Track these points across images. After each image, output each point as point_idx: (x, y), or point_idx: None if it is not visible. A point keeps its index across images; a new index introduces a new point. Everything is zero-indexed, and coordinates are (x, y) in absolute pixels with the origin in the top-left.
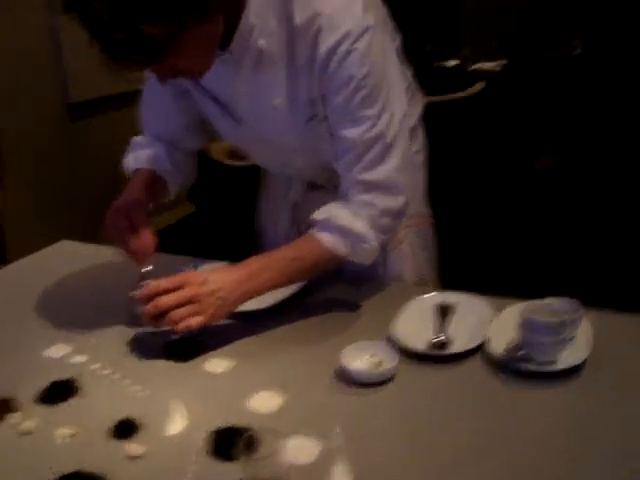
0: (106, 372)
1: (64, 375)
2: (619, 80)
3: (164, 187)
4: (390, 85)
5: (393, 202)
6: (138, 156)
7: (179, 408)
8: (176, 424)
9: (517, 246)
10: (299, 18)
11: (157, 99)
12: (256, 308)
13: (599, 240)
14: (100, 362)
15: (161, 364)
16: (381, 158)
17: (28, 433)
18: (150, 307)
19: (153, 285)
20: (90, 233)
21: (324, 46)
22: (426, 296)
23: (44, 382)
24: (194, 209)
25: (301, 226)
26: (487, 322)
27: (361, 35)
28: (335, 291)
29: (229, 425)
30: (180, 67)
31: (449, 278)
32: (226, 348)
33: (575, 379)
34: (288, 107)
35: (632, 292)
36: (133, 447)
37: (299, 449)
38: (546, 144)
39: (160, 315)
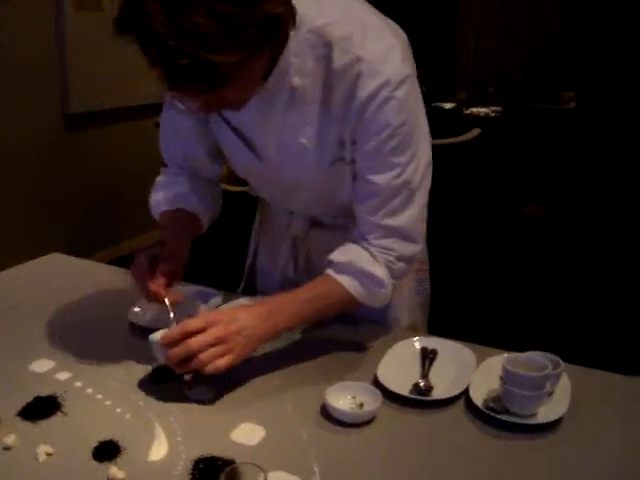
0: (89, 391)
1: (46, 391)
2: (610, 135)
3: (196, 223)
4: (419, 133)
5: (410, 248)
6: (164, 196)
7: (161, 434)
8: (158, 450)
9: (500, 294)
10: (338, 62)
11: (177, 125)
12: None
13: (582, 295)
14: (83, 380)
15: (146, 388)
16: (405, 205)
17: (7, 448)
18: (180, 350)
19: (180, 327)
20: (78, 245)
21: (363, 91)
22: (411, 340)
23: (26, 397)
24: None
25: (299, 261)
26: (469, 370)
27: (400, 83)
28: (327, 330)
29: (212, 454)
30: (227, 98)
31: (432, 323)
32: (213, 377)
33: (553, 432)
34: (315, 147)
35: (612, 350)
36: (113, 470)
37: None
38: (535, 192)
39: (187, 358)
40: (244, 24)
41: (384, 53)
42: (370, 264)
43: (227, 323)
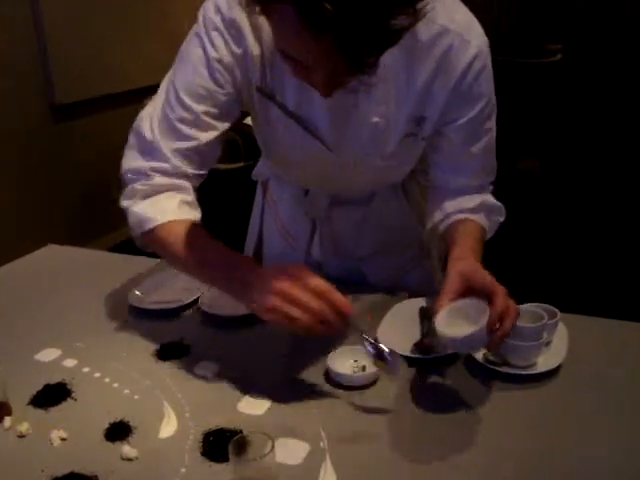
0: (97, 375)
1: (55, 379)
2: (598, 86)
3: None
4: None
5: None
6: (172, 204)
7: (170, 411)
8: (168, 426)
9: (496, 249)
10: (424, 34)
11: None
12: (245, 313)
13: (577, 246)
14: (90, 366)
15: (151, 368)
16: (490, 162)
17: (21, 436)
18: (509, 325)
19: (501, 306)
20: (74, 235)
21: (458, 64)
22: (409, 301)
23: (36, 385)
24: None
25: (324, 242)
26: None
27: (488, 52)
28: None
29: (220, 427)
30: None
31: None
32: (215, 352)
33: (551, 380)
34: (388, 126)
35: (605, 297)
36: (126, 449)
37: (287, 450)
38: (529, 146)
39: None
40: None
41: (467, 21)
42: (492, 199)
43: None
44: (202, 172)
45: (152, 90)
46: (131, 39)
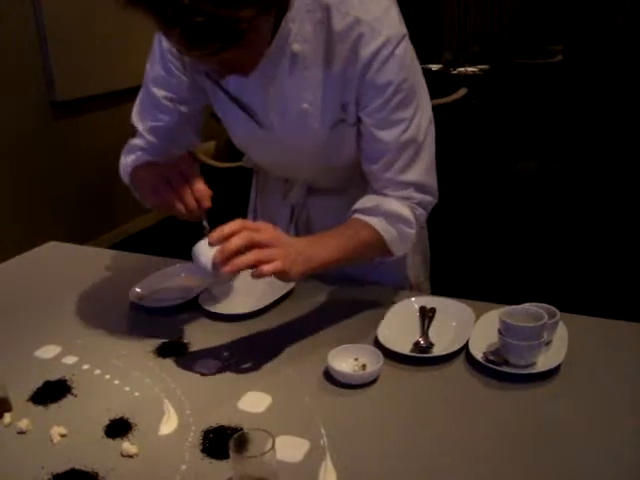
0: (97, 372)
1: (55, 375)
2: (599, 87)
3: None
4: (420, 89)
5: (426, 198)
6: (139, 156)
7: (170, 408)
8: (168, 424)
9: (495, 249)
10: (338, 25)
11: (163, 91)
12: (245, 311)
13: (577, 245)
14: (90, 363)
15: (151, 365)
16: (415, 159)
17: (21, 432)
18: (239, 239)
19: (238, 222)
20: (74, 233)
21: (366, 51)
22: (409, 300)
23: (36, 382)
24: None
25: (299, 228)
26: (468, 326)
27: (400, 41)
28: (324, 294)
29: (220, 424)
30: (238, 61)
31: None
32: (215, 350)
33: (551, 380)
34: (317, 112)
35: (605, 296)
36: (126, 446)
37: (287, 448)
38: (528, 148)
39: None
40: None
41: (382, 13)
42: (396, 206)
43: (280, 234)
44: (175, 148)
45: None
46: (132, 35)
